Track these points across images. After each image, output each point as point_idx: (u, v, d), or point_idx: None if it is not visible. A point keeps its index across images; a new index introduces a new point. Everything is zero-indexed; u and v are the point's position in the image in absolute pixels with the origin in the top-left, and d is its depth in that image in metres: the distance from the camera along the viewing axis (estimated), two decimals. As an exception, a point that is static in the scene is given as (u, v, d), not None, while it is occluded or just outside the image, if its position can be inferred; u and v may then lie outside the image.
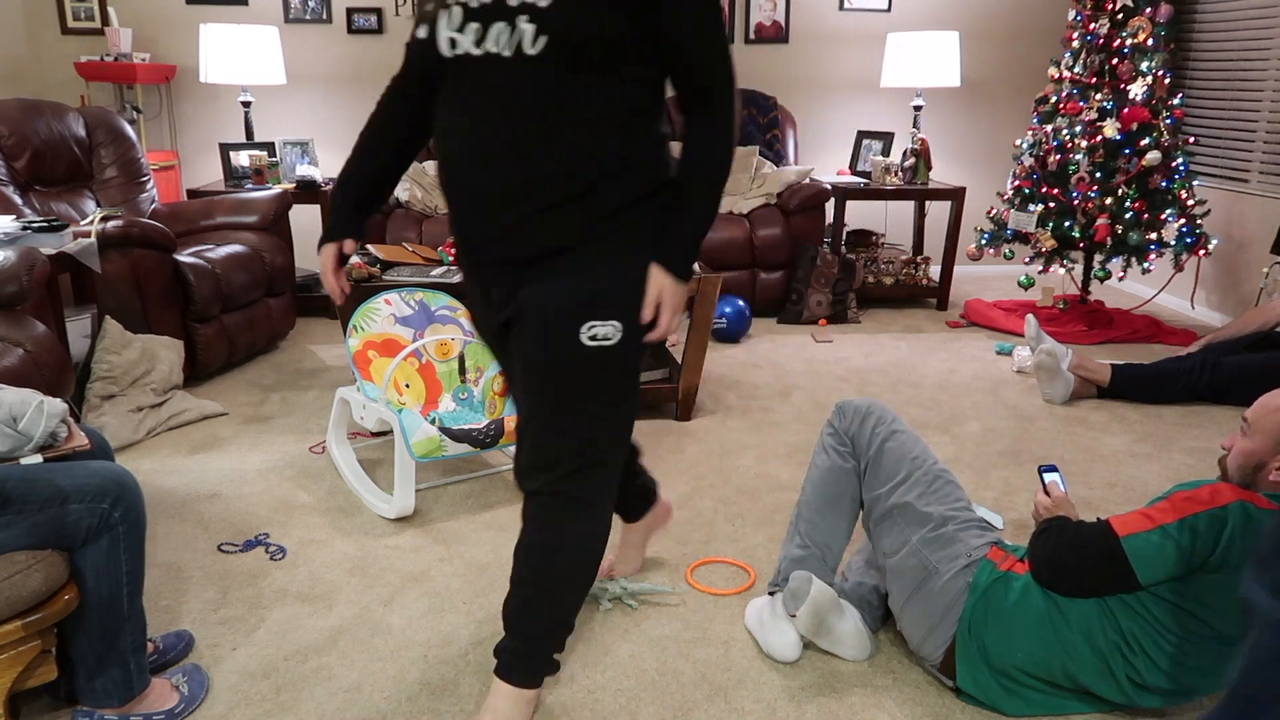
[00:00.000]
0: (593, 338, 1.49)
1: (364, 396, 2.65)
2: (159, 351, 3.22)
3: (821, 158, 5.47)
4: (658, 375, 3.34)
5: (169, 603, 2.14)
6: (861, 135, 5.16)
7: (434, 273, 3.08)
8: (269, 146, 4.73)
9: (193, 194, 4.43)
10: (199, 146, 5.05)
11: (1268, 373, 3.35)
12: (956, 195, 4.73)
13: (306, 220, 5.12)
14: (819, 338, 4.33)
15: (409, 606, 2.13)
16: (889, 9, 5.27)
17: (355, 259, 3.04)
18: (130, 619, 1.66)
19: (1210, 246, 4.17)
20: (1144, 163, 4.08)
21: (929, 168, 4.79)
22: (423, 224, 4.39)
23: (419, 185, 4.67)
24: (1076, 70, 4.30)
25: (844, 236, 4.98)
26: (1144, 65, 4.14)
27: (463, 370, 2.91)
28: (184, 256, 3.49)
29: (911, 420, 3.32)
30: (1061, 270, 5.27)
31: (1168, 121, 4.15)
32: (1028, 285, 4.48)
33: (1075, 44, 4.31)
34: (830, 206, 4.81)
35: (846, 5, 5.24)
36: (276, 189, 4.34)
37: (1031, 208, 4.36)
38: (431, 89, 1.60)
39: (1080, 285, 4.65)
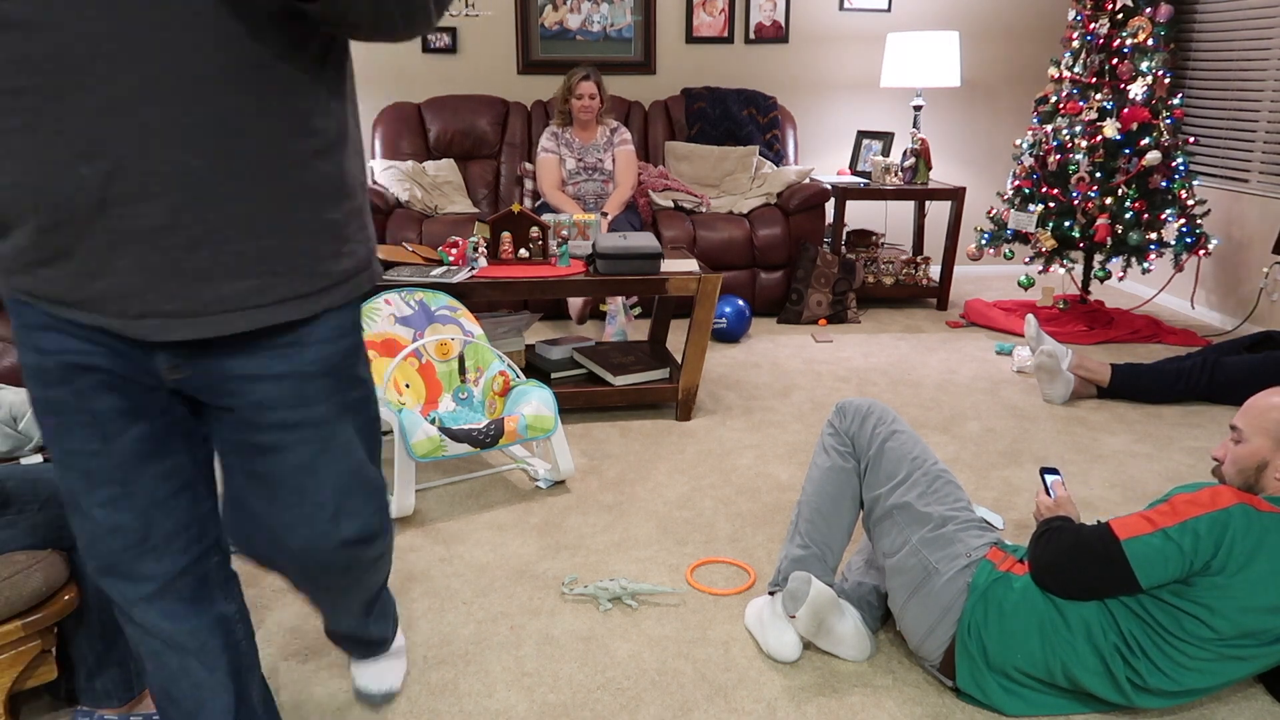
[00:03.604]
0: None
1: (364, 396, 2.64)
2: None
3: (821, 158, 5.47)
4: (658, 375, 3.34)
5: (169, 603, 2.15)
6: (861, 135, 5.16)
7: (434, 273, 3.08)
8: (269, 146, 4.72)
9: (193, 194, 4.43)
10: (199, 146, 5.04)
11: (1268, 373, 3.35)
12: (956, 195, 4.73)
13: (306, 220, 5.11)
14: (819, 338, 4.33)
15: (409, 606, 2.13)
16: (889, 9, 5.27)
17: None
18: (130, 619, 1.67)
19: (1210, 246, 4.17)
20: (1144, 163, 4.08)
21: (929, 168, 4.79)
22: (423, 224, 4.39)
23: (419, 185, 4.67)
24: (1076, 70, 4.30)
25: (844, 236, 4.98)
26: (1144, 65, 4.14)
27: (463, 370, 2.91)
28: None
29: (911, 420, 3.32)
30: (1061, 270, 5.27)
31: (1168, 121, 4.15)
32: (1028, 285, 4.48)
33: (1075, 44, 4.31)
34: (830, 206, 4.81)
35: (846, 5, 5.24)
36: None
37: (1031, 208, 4.36)
38: None
39: (1080, 285, 4.65)
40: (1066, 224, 4.24)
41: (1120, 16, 4.18)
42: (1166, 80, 4.16)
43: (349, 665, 1.88)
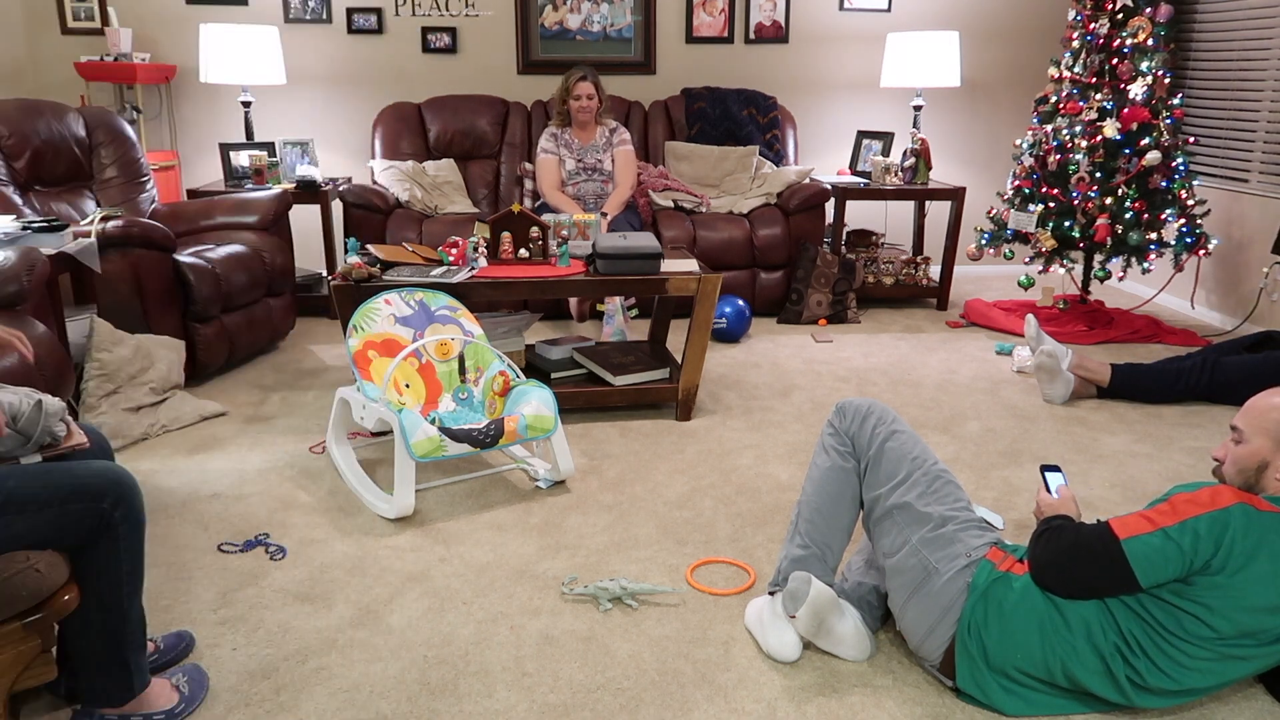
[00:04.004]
0: None
1: (364, 396, 2.65)
2: (155, 350, 3.22)
3: (821, 158, 5.47)
4: (658, 375, 3.34)
5: (169, 603, 2.14)
6: (861, 135, 5.16)
7: (434, 273, 3.08)
8: (269, 146, 4.72)
9: (193, 194, 4.43)
10: (199, 146, 5.05)
11: (1267, 373, 3.35)
12: (956, 195, 4.73)
13: (306, 220, 5.11)
14: (819, 338, 4.33)
15: (409, 606, 2.13)
16: (889, 9, 5.27)
17: (355, 259, 3.03)
18: (130, 619, 1.66)
19: (1210, 246, 4.17)
20: (1144, 163, 4.08)
21: (929, 168, 4.79)
22: (423, 224, 4.39)
23: (419, 185, 4.67)
24: (1076, 70, 4.30)
25: (844, 236, 4.98)
26: (1144, 65, 4.14)
27: (463, 370, 2.91)
28: (184, 256, 3.49)
29: (911, 420, 3.32)
30: (1061, 270, 5.27)
31: (1168, 121, 4.15)
32: (1028, 285, 4.48)
33: (1075, 44, 4.31)
34: (830, 206, 4.81)
35: (846, 5, 5.24)
36: (276, 189, 4.34)
37: (1031, 208, 4.35)
38: None
39: (1080, 285, 4.65)
40: (1066, 224, 4.24)
41: (1120, 16, 4.18)
42: (1166, 80, 4.16)
43: None
